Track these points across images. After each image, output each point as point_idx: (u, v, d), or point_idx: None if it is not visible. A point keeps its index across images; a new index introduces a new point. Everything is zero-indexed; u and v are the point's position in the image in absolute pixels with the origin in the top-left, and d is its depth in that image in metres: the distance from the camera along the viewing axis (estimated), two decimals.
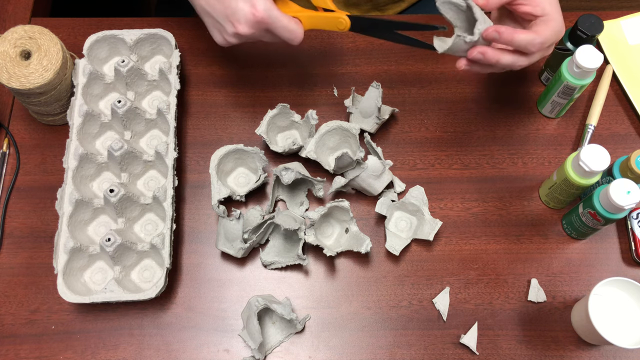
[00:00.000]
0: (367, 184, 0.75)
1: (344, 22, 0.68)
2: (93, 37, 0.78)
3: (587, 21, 0.74)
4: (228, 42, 0.68)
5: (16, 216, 0.75)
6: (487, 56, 0.64)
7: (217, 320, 0.71)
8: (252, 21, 0.63)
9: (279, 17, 0.64)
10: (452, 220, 0.76)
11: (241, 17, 0.63)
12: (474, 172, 0.79)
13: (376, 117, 0.77)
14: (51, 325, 0.70)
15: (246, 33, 0.65)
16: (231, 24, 0.65)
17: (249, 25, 0.64)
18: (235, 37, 0.66)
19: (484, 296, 0.73)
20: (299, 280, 0.73)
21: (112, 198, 0.69)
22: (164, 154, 0.73)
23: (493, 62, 0.64)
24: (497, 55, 0.64)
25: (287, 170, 0.71)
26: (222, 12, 0.65)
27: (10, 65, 0.71)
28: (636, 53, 0.86)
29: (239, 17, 0.63)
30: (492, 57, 0.64)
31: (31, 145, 0.79)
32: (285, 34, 0.65)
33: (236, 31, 0.65)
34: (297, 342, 0.70)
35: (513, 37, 0.62)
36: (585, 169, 0.67)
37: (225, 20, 0.65)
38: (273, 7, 0.64)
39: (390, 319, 0.71)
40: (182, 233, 0.75)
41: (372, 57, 0.86)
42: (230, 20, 0.64)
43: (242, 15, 0.63)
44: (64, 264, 0.67)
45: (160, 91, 0.81)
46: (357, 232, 0.72)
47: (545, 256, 0.75)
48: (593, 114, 0.81)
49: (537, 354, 0.70)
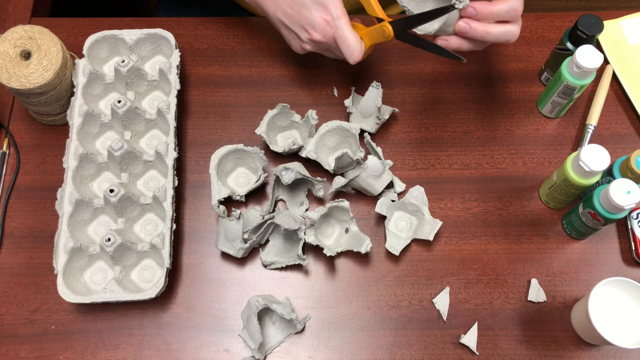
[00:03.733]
0: (367, 184, 0.75)
1: (388, 31, 0.69)
2: (93, 37, 0.78)
3: (587, 21, 0.74)
4: (304, 49, 0.73)
5: (16, 216, 0.75)
6: (473, 27, 0.64)
7: (217, 320, 0.71)
8: (324, 27, 0.69)
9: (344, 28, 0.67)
10: (452, 220, 0.76)
11: (315, 23, 0.68)
12: (474, 172, 0.79)
13: (376, 117, 0.77)
14: (51, 325, 0.70)
15: (319, 39, 0.69)
16: (305, 31, 0.70)
17: (321, 32, 0.69)
18: (310, 43, 0.71)
19: (484, 296, 0.73)
20: (299, 280, 0.73)
21: (112, 198, 0.69)
22: (164, 154, 0.73)
23: (482, 33, 0.64)
24: (485, 27, 0.64)
25: (287, 170, 0.71)
26: (298, 22, 0.70)
27: (10, 65, 0.71)
28: (636, 53, 0.86)
29: (314, 24, 0.68)
30: (479, 28, 0.64)
31: (31, 145, 0.79)
32: (343, 47, 0.68)
33: (311, 37, 0.70)
34: (297, 342, 0.70)
35: (491, 11, 0.63)
36: (585, 169, 0.67)
37: (300, 28, 0.70)
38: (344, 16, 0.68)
39: (390, 319, 0.71)
40: (182, 233, 0.75)
41: (372, 57, 0.86)
42: (304, 28, 0.69)
43: (315, 22, 0.68)
44: (64, 264, 0.67)
45: (160, 91, 0.81)
46: (357, 232, 0.72)
47: (545, 256, 0.75)
48: (593, 114, 0.81)
49: (537, 354, 0.70)
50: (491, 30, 0.64)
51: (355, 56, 0.68)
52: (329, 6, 0.67)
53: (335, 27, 0.68)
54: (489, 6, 0.63)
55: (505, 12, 0.63)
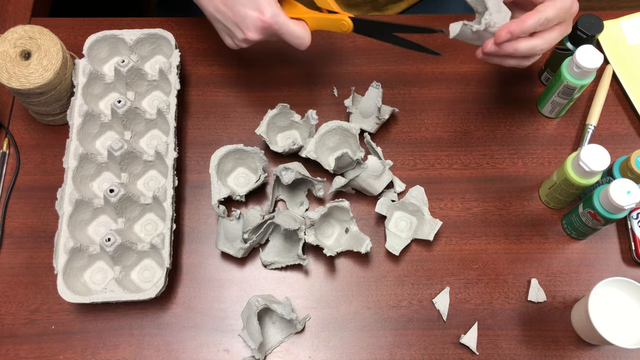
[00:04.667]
0: (367, 184, 0.75)
1: (347, 24, 0.69)
2: (93, 37, 0.78)
3: (587, 21, 0.74)
4: (239, 46, 0.70)
5: (16, 216, 0.75)
6: (503, 47, 0.63)
7: (217, 320, 0.71)
8: (260, 27, 0.65)
9: (287, 23, 0.65)
10: (452, 220, 0.76)
11: (249, 23, 0.65)
12: (474, 172, 0.79)
13: (376, 117, 0.77)
14: (51, 325, 0.70)
15: (255, 39, 0.67)
16: (240, 30, 0.67)
17: (257, 32, 0.66)
18: (245, 42, 0.69)
19: (484, 296, 0.73)
20: (299, 280, 0.73)
21: (112, 198, 0.69)
22: (164, 154, 0.72)
23: (510, 51, 0.64)
24: (512, 45, 0.63)
25: (287, 170, 0.71)
26: (232, 19, 0.67)
27: (10, 65, 0.71)
28: (636, 53, 0.86)
29: (248, 24, 0.66)
30: (508, 47, 0.63)
31: (31, 145, 0.79)
32: (292, 40, 0.67)
33: (245, 37, 0.67)
34: (297, 342, 0.70)
35: (522, 28, 0.62)
36: (585, 169, 0.67)
37: (235, 26, 0.67)
38: (281, 13, 0.65)
39: (390, 319, 0.71)
40: (182, 233, 0.75)
41: (372, 57, 0.86)
42: (239, 27, 0.67)
43: (250, 22, 0.65)
44: (64, 264, 0.67)
45: (160, 91, 0.81)
46: (357, 232, 0.72)
47: (545, 256, 0.75)
48: (593, 114, 0.81)
49: (537, 354, 0.70)
50: (519, 46, 0.63)
51: (305, 44, 0.67)
52: (263, 5, 0.64)
53: (277, 25, 0.65)
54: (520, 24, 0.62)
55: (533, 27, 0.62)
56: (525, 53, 0.65)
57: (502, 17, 0.64)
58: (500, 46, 0.63)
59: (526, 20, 0.62)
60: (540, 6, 0.64)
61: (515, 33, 0.62)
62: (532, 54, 0.65)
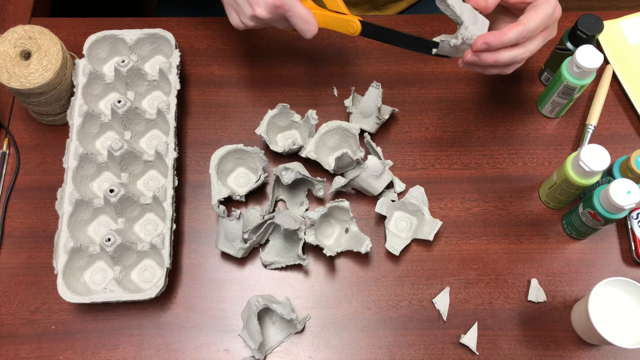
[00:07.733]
0: (367, 184, 0.75)
1: (355, 26, 0.68)
2: (93, 37, 0.78)
3: (587, 21, 0.74)
4: (244, 24, 0.68)
5: (16, 216, 0.75)
6: (482, 58, 0.63)
7: (217, 320, 0.71)
8: (272, 5, 0.63)
9: (297, 6, 0.64)
10: (452, 220, 0.76)
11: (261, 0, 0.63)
12: (474, 172, 0.79)
13: (376, 117, 0.77)
14: (51, 325, 0.70)
15: (263, 16, 0.64)
16: (250, 5, 0.64)
17: (266, 9, 0.64)
18: (252, 19, 0.66)
19: (484, 296, 0.73)
20: (299, 280, 0.73)
21: (112, 198, 0.69)
22: (164, 154, 0.73)
23: (491, 62, 0.63)
24: (493, 55, 0.63)
25: (287, 170, 0.71)
26: None
27: (10, 65, 0.71)
28: (636, 53, 0.86)
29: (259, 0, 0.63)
30: (489, 58, 0.63)
31: (31, 145, 0.79)
32: (300, 25, 0.65)
33: (254, 13, 0.65)
34: (297, 342, 0.70)
35: (502, 40, 0.62)
36: (585, 169, 0.67)
37: (244, 1, 0.65)
38: None
39: (390, 319, 0.71)
40: (182, 233, 0.75)
41: (372, 57, 0.86)
42: (249, 1, 0.64)
43: None
44: (64, 264, 0.67)
45: (160, 91, 0.81)
46: (357, 232, 0.72)
47: (545, 256, 0.75)
48: (593, 114, 0.81)
49: (537, 354, 0.70)
50: (500, 57, 0.63)
51: (313, 31, 0.65)
52: None
53: (287, 6, 0.63)
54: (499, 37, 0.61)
55: (515, 39, 0.62)
56: (507, 63, 0.64)
57: (479, 28, 0.64)
58: (479, 56, 0.63)
59: (507, 32, 0.62)
60: (523, 17, 0.63)
61: (494, 45, 0.62)
62: (513, 62, 0.65)
